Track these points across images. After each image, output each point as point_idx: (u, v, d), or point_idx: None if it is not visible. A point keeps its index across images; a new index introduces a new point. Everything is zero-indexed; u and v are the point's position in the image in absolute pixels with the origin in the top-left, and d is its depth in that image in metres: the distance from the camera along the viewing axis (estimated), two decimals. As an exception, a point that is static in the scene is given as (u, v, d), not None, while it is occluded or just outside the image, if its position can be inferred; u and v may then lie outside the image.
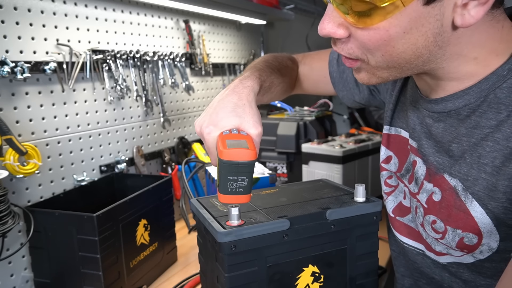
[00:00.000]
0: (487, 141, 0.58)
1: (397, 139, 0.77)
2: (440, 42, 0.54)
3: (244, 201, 0.60)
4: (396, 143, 0.77)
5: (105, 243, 0.86)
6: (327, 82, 0.94)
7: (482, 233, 0.60)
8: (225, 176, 0.58)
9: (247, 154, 0.57)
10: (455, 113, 0.62)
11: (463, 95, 0.60)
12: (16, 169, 0.89)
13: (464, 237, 0.62)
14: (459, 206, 0.61)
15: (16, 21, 0.93)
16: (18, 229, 0.94)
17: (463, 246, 0.62)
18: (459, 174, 0.61)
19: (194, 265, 1.11)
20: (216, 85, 1.66)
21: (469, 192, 0.60)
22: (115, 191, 1.14)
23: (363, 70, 0.61)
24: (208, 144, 0.63)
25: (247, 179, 0.59)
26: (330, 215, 0.65)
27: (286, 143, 1.44)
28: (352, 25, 0.55)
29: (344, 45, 0.58)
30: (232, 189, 0.59)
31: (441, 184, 0.64)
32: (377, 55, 0.56)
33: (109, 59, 1.15)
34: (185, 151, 1.47)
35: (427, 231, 0.68)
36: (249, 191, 0.60)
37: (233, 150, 0.57)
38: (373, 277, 0.72)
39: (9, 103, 0.92)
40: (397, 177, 0.78)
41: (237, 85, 0.68)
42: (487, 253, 0.61)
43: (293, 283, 0.65)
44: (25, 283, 0.95)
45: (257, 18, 1.70)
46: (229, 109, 0.64)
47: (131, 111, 1.26)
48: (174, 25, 1.43)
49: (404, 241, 0.76)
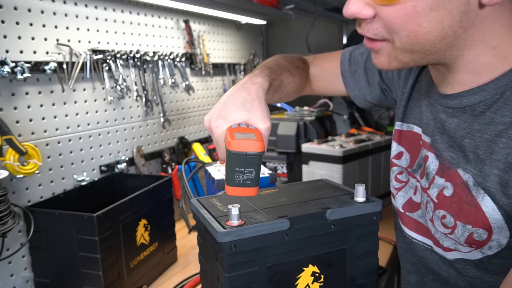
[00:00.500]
0: (501, 138, 0.58)
1: (409, 134, 0.77)
2: (465, 23, 0.55)
3: (251, 194, 0.60)
4: (408, 139, 0.77)
5: (105, 243, 0.86)
6: (339, 83, 0.94)
7: (492, 229, 0.60)
8: (233, 167, 0.58)
9: (256, 145, 0.58)
10: (470, 109, 0.62)
11: (479, 91, 0.60)
12: (16, 169, 0.89)
13: (474, 233, 0.61)
14: (471, 201, 0.61)
15: (16, 21, 0.93)
16: (18, 229, 0.94)
17: (472, 242, 0.62)
18: (472, 170, 0.61)
19: (194, 265, 1.11)
20: (216, 85, 1.66)
21: (481, 188, 0.60)
22: (115, 191, 1.14)
23: (385, 53, 0.60)
24: (216, 138, 0.64)
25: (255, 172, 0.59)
26: (330, 215, 0.65)
27: (286, 143, 1.44)
28: (378, 3, 0.54)
29: (370, 25, 0.58)
30: (240, 181, 0.59)
31: (454, 179, 0.64)
32: (403, 35, 0.56)
33: (109, 59, 1.16)
34: (185, 151, 1.47)
35: (436, 226, 0.68)
36: (257, 184, 0.60)
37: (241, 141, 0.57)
38: (373, 277, 0.72)
39: (9, 103, 0.92)
40: (408, 172, 0.78)
41: (246, 81, 0.69)
42: (496, 249, 0.61)
43: (293, 283, 0.65)
44: (25, 283, 0.95)
45: (257, 18, 1.70)
46: (238, 104, 0.64)
47: (131, 111, 1.26)
48: (174, 25, 1.43)
49: (413, 236, 0.76)
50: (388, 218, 1.34)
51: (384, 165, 1.43)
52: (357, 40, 2.06)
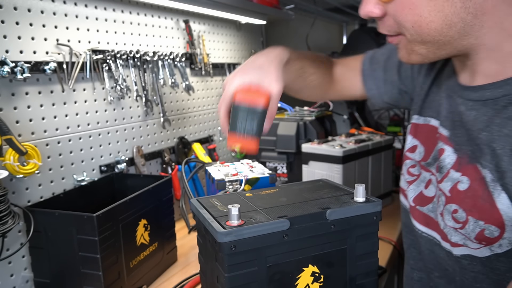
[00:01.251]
0: None
1: (426, 128, 0.77)
2: (472, 9, 0.55)
3: (251, 147, 0.65)
4: (424, 132, 0.77)
5: (105, 243, 0.86)
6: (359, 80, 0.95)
7: (505, 226, 0.59)
8: (235, 118, 0.64)
9: (259, 100, 0.64)
10: (492, 102, 0.61)
11: (503, 84, 0.60)
12: (16, 169, 0.89)
13: (486, 229, 0.61)
14: (486, 197, 0.60)
15: (16, 21, 0.93)
16: (18, 229, 0.94)
17: (483, 238, 0.62)
18: (490, 165, 0.60)
19: (194, 265, 1.11)
20: (216, 85, 1.66)
21: (498, 184, 0.59)
22: (115, 191, 1.14)
23: (403, 47, 0.64)
24: (225, 93, 0.69)
25: (257, 125, 0.64)
26: (330, 215, 0.65)
27: (286, 143, 1.44)
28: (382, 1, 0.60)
29: (383, 23, 0.64)
30: (241, 130, 0.64)
31: (472, 174, 0.63)
32: (408, 27, 0.60)
33: (109, 59, 1.16)
34: (185, 151, 1.47)
35: (445, 221, 0.67)
36: (257, 137, 0.65)
37: (247, 94, 0.64)
38: (373, 277, 0.71)
39: (9, 103, 0.92)
40: (420, 166, 0.77)
41: (267, 50, 0.76)
42: (506, 247, 0.60)
43: (293, 283, 0.65)
44: (25, 283, 0.95)
45: (257, 18, 1.70)
46: (254, 66, 0.71)
47: (131, 111, 1.26)
48: (174, 25, 1.43)
49: (422, 230, 0.75)
50: (388, 218, 1.34)
51: (384, 165, 1.43)
52: (357, 40, 2.07)
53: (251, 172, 0.99)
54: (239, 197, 0.74)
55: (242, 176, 0.95)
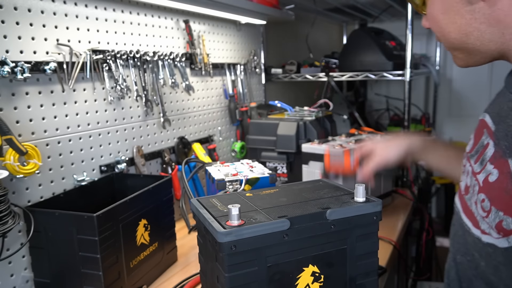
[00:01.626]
0: None
1: (481, 122, 0.80)
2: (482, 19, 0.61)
3: None
4: (478, 127, 0.81)
5: (105, 243, 0.86)
6: None
7: None
8: None
9: None
10: None
11: None
12: (16, 169, 0.89)
13: (504, 220, 0.63)
14: (509, 190, 0.63)
15: (16, 21, 0.93)
16: (18, 229, 0.94)
17: (501, 229, 0.64)
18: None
19: (194, 265, 1.11)
20: (216, 85, 1.66)
21: None
22: (115, 191, 1.14)
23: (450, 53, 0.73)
24: None
25: None
26: (330, 215, 0.65)
27: (286, 143, 1.44)
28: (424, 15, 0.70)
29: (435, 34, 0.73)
30: None
31: (502, 167, 0.66)
32: (440, 37, 0.70)
33: (109, 59, 1.16)
34: (185, 151, 1.47)
35: (477, 209, 0.71)
36: None
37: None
38: (373, 277, 0.72)
39: (9, 103, 0.92)
40: (467, 158, 0.80)
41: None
42: None
43: (293, 283, 0.65)
44: (25, 283, 0.95)
45: (257, 18, 1.70)
46: None
47: (131, 111, 1.26)
48: (174, 25, 1.43)
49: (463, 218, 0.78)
50: (388, 218, 1.34)
51: (384, 165, 1.42)
52: (357, 40, 2.06)
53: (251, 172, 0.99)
54: (239, 197, 0.74)
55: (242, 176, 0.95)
